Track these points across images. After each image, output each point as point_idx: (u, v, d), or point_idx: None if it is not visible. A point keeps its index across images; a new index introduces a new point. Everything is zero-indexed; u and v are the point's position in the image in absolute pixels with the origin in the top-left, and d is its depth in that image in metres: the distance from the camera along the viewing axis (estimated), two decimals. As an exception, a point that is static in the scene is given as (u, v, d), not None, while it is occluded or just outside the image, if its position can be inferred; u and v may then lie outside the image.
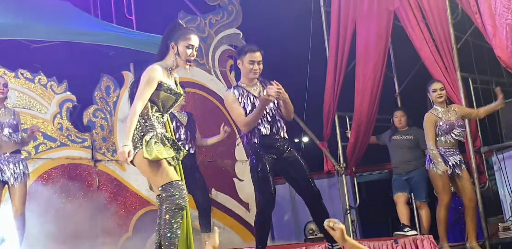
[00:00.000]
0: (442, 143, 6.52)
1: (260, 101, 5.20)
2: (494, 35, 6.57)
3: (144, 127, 4.29)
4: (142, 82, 4.29)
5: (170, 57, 4.47)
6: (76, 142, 6.98)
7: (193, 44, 4.45)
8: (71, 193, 6.76)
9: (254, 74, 5.36)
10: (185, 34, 4.46)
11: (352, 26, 8.00)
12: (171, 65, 4.48)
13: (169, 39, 4.50)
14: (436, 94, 6.57)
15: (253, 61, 5.33)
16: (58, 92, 7.00)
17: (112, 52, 7.90)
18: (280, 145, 5.37)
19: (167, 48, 4.50)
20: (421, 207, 7.32)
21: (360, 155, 7.95)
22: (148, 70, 4.37)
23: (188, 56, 4.44)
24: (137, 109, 4.21)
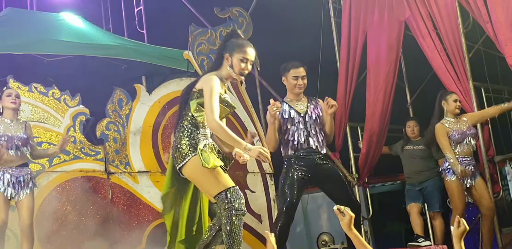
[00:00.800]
0: (458, 152, 6.50)
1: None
2: (506, 44, 6.56)
3: (196, 134, 4.25)
4: (206, 93, 4.20)
5: (225, 68, 4.40)
6: (90, 155, 7.01)
7: (248, 57, 4.40)
8: (84, 206, 6.78)
9: (299, 89, 5.62)
10: (240, 47, 4.40)
11: (362, 36, 8.01)
12: (225, 76, 4.41)
13: (225, 49, 4.43)
14: (456, 105, 6.59)
15: (296, 76, 5.59)
16: (72, 105, 7.04)
17: (124, 65, 7.96)
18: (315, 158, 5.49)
19: (222, 58, 4.43)
20: (435, 217, 7.30)
21: (372, 165, 7.93)
22: (209, 81, 4.27)
23: (242, 69, 4.38)
24: (219, 122, 4.14)
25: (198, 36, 8.36)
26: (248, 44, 4.46)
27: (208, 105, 4.17)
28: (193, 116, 4.28)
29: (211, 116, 4.14)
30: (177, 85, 7.93)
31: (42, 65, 7.53)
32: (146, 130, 7.49)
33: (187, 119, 4.31)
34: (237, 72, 4.37)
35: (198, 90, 4.28)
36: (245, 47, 4.41)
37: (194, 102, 4.28)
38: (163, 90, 7.81)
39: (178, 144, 4.27)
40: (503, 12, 6.60)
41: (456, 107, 6.59)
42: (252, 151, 4.09)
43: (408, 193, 7.41)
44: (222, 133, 4.16)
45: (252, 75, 8.88)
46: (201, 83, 4.29)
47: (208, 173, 4.16)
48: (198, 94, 4.27)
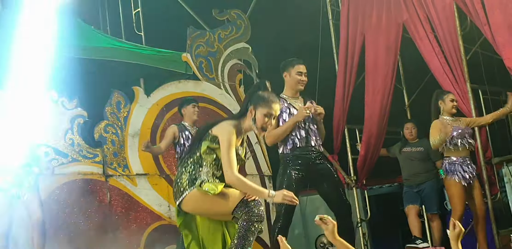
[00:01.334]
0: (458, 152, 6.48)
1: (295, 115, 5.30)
2: (504, 46, 6.58)
3: (198, 171, 4.19)
4: (223, 145, 4.10)
5: (248, 120, 4.26)
6: (88, 157, 7.00)
7: (273, 113, 4.26)
8: (82, 208, 6.77)
9: (301, 86, 5.68)
10: (266, 101, 4.24)
11: (361, 39, 8.02)
12: (245, 128, 4.28)
13: (250, 101, 4.29)
14: (453, 104, 6.58)
15: (301, 72, 5.66)
16: (69, 108, 7.03)
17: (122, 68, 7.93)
18: (312, 157, 5.53)
19: (246, 109, 4.30)
20: (433, 219, 7.32)
21: (370, 167, 7.94)
22: (226, 132, 4.15)
23: (265, 124, 4.26)
24: (238, 176, 4.06)
25: (196, 39, 8.36)
26: (274, 100, 4.29)
27: (225, 159, 4.08)
28: (200, 156, 4.23)
29: (229, 171, 4.05)
30: (175, 87, 7.94)
31: (40, 68, 7.51)
32: (145, 132, 7.48)
33: (193, 158, 4.25)
34: (259, 127, 4.24)
35: (213, 136, 4.18)
36: (271, 102, 4.24)
37: (205, 143, 4.21)
38: (162, 92, 7.80)
39: (178, 178, 4.24)
40: (501, 14, 6.61)
41: (453, 107, 6.59)
42: (276, 197, 4.07)
43: (406, 195, 7.43)
44: (242, 187, 4.10)
45: (250, 77, 8.89)
46: (219, 130, 4.18)
47: (214, 197, 4.09)
48: (212, 138, 4.18)
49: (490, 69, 7.43)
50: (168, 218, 7.30)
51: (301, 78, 5.71)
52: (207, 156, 4.20)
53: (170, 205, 7.34)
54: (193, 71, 8.23)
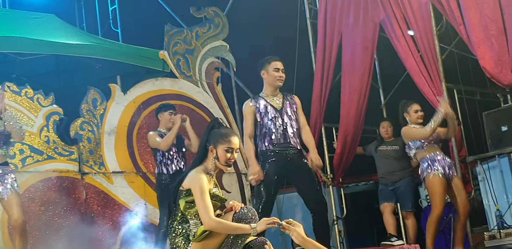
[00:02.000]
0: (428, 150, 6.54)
1: None
2: (479, 46, 6.64)
3: (187, 228, 4.20)
4: (196, 194, 4.10)
5: (210, 161, 4.26)
6: (63, 155, 6.96)
7: (233, 147, 4.25)
8: (58, 206, 6.74)
9: (280, 82, 5.69)
10: (224, 137, 4.24)
11: (338, 38, 8.05)
12: (211, 169, 4.28)
13: (208, 141, 4.29)
14: (418, 115, 6.63)
15: (278, 68, 5.68)
16: (45, 105, 6.99)
17: (99, 65, 7.90)
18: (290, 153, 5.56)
19: (206, 151, 4.29)
20: (407, 217, 7.36)
21: (346, 166, 7.98)
22: (196, 180, 4.15)
23: (228, 159, 4.25)
24: (215, 220, 4.06)
25: (173, 36, 8.35)
26: (231, 133, 4.32)
27: (200, 206, 4.08)
28: (182, 214, 4.23)
29: (206, 217, 4.06)
30: (152, 85, 7.92)
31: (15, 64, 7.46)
32: (121, 130, 7.46)
33: (176, 220, 4.26)
34: (223, 163, 4.25)
35: (186, 190, 4.20)
36: (229, 136, 4.26)
37: (182, 201, 4.21)
38: (138, 90, 7.78)
39: (174, 245, 4.23)
40: (476, 15, 6.68)
41: (417, 117, 6.64)
42: (259, 225, 4.05)
43: (381, 193, 7.47)
44: (222, 229, 4.09)
45: (228, 75, 8.89)
46: (189, 182, 4.19)
47: (210, 235, 4.11)
48: (186, 193, 4.19)
49: (465, 68, 7.49)
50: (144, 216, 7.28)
51: (279, 75, 5.74)
52: (189, 210, 4.20)
53: (146, 202, 7.33)
54: (171, 69, 8.22)
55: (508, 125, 6.91)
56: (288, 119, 5.73)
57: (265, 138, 5.71)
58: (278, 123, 5.69)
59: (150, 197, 7.36)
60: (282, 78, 5.76)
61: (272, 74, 5.72)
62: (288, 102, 5.81)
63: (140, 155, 7.46)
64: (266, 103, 5.73)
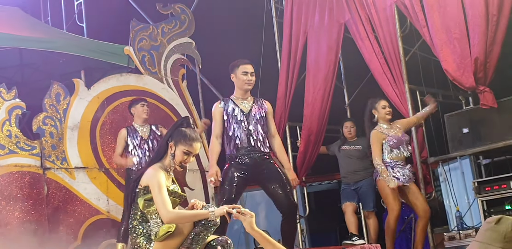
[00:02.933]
0: (392, 157, 6.62)
1: None
2: (441, 48, 6.73)
3: (147, 228, 4.19)
4: (154, 189, 4.08)
5: (167, 157, 4.26)
6: (25, 150, 6.88)
7: (192, 151, 4.24)
8: (19, 201, 6.66)
9: (248, 86, 5.70)
10: (187, 139, 4.23)
11: (303, 37, 8.10)
12: (168, 166, 4.27)
13: (171, 137, 4.28)
14: (386, 110, 6.68)
15: (246, 72, 5.68)
16: (7, 99, 6.90)
17: (63, 59, 7.83)
18: (256, 157, 5.56)
19: (166, 145, 4.28)
20: (369, 216, 7.43)
21: (310, 164, 8.02)
22: (153, 176, 4.14)
23: (183, 161, 4.24)
24: (173, 212, 4.05)
25: (139, 32, 8.30)
26: (196, 139, 4.29)
27: (157, 201, 4.07)
28: (142, 213, 4.22)
29: (163, 210, 4.04)
30: (117, 80, 7.87)
31: (-21, 57, 7.38)
32: (84, 125, 7.40)
33: (136, 219, 4.24)
34: (177, 163, 4.24)
35: (144, 187, 4.18)
36: (192, 140, 4.24)
37: (141, 199, 4.19)
38: (103, 85, 7.72)
39: (136, 245, 4.21)
40: (439, 17, 6.77)
41: (386, 113, 6.70)
42: (218, 211, 4.03)
43: (344, 192, 7.53)
44: (182, 219, 4.10)
45: (193, 72, 8.88)
46: (146, 179, 4.18)
47: (174, 234, 4.10)
48: (144, 191, 4.18)
49: (427, 70, 7.58)
50: (106, 212, 7.25)
51: (247, 78, 5.74)
52: (148, 209, 4.19)
53: (108, 199, 7.29)
54: (136, 65, 8.16)
55: (469, 127, 7.01)
56: (255, 123, 5.74)
57: (230, 142, 5.72)
58: (243, 126, 5.70)
59: (113, 193, 7.33)
60: (251, 81, 5.76)
61: (241, 78, 5.73)
62: (257, 107, 5.82)
63: (103, 150, 7.42)
64: (235, 106, 5.74)
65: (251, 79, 5.75)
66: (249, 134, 5.69)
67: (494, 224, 2.65)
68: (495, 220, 2.66)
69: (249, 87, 5.78)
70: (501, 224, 2.64)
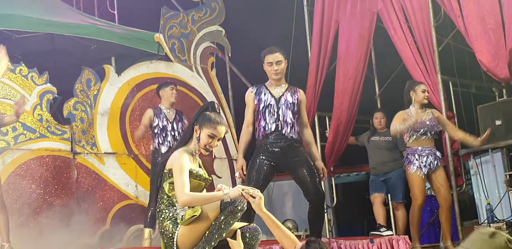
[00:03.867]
0: (420, 142, 6.53)
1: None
2: (476, 39, 6.65)
3: (174, 212, 4.18)
4: (176, 171, 4.09)
5: (193, 142, 4.27)
6: (56, 134, 6.91)
7: (216, 135, 4.23)
8: (49, 185, 6.69)
9: (275, 76, 5.62)
10: (211, 122, 4.22)
11: (335, 26, 8.04)
12: (194, 150, 4.28)
13: (196, 121, 4.28)
14: (424, 95, 6.58)
15: (271, 62, 5.59)
16: (39, 83, 6.92)
17: (94, 45, 7.84)
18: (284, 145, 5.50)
19: (192, 131, 4.29)
20: (398, 208, 7.38)
21: (338, 155, 7.97)
22: (177, 159, 4.15)
23: (208, 144, 4.24)
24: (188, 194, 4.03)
25: (169, 19, 8.29)
26: (220, 122, 4.28)
27: (178, 183, 4.07)
28: (168, 197, 4.21)
29: (180, 192, 4.04)
30: (147, 67, 7.87)
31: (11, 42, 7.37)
32: (114, 111, 7.41)
33: (163, 203, 4.24)
34: (202, 147, 4.24)
35: (169, 170, 4.19)
36: (216, 123, 4.23)
37: (166, 183, 4.20)
38: (133, 72, 7.73)
39: (162, 229, 4.21)
40: (475, 7, 6.69)
41: (424, 97, 6.61)
42: (232, 192, 4.00)
43: (372, 183, 7.48)
44: (197, 201, 4.08)
45: (223, 61, 8.86)
46: (170, 162, 4.19)
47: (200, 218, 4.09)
48: (169, 174, 4.18)
49: (461, 61, 7.50)
50: (134, 198, 7.27)
51: (273, 69, 5.63)
52: (174, 192, 4.17)
53: (137, 184, 7.31)
54: (165, 52, 8.16)
55: (502, 119, 6.95)
56: (285, 108, 5.66)
57: (259, 128, 5.67)
58: (273, 111, 5.63)
59: (141, 179, 7.33)
60: (278, 71, 5.64)
61: (267, 69, 5.66)
62: (290, 93, 5.74)
63: (133, 137, 7.42)
64: (266, 91, 5.68)
65: (278, 69, 5.63)
66: (277, 119, 5.60)
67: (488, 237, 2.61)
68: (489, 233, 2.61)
69: (277, 77, 5.65)
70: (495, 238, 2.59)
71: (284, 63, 5.68)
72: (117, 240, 6.88)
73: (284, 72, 5.75)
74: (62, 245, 6.29)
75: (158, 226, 4.28)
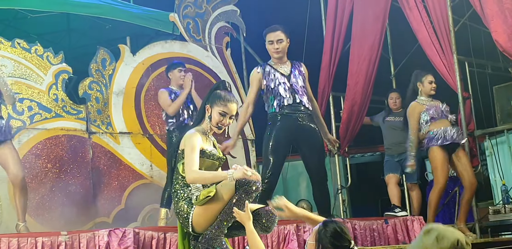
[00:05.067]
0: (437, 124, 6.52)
1: None
2: (492, 19, 6.58)
3: (189, 192, 4.21)
4: (187, 150, 4.13)
5: (205, 120, 4.29)
6: (71, 114, 6.94)
7: (227, 112, 4.24)
8: (65, 164, 6.73)
9: (276, 54, 5.60)
10: (222, 100, 4.26)
11: (350, 6, 7.97)
12: (207, 129, 4.29)
13: (208, 100, 4.31)
14: (431, 86, 6.59)
15: (271, 41, 5.60)
16: (54, 63, 6.94)
17: (109, 25, 7.85)
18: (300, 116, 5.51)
19: (204, 110, 4.32)
20: (412, 188, 7.38)
21: (353, 135, 7.95)
22: (189, 137, 4.18)
23: (220, 122, 4.25)
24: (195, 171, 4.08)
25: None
26: (231, 99, 4.31)
27: (187, 160, 4.12)
28: (183, 178, 4.23)
29: (188, 169, 4.09)
30: (161, 47, 7.86)
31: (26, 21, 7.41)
32: (129, 91, 7.42)
33: (178, 183, 4.26)
34: (214, 125, 4.25)
35: (182, 150, 4.22)
36: (227, 100, 4.26)
37: (180, 164, 4.24)
38: (148, 52, 7.72)
39: (178, 209, 4.23)
40: (491, -14, 6.61)
41: (431, 89, 6.60)
42: (236, 173, 4.03)
43: (387, 163, 7.48)
44: (203, 179, 4.14)
45: (237, 41, 8.83)
46: (183, 142, 4.22)
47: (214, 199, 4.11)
48: (183, 154, 4.21)
49: (477, 41, 7.44)
50: (150, 177, 7.30)
51: (273, 47, 5.63)
52: None
53: (152, 164, 7.34)
54: (180, 32, 8.14)
55: (518, 99, 6.90)
56: (296, 83, 5.66)
57: (273, 101, 5.66)
58: (286, 87, 5.63)
59: (156, 158, 7.36)
60: (278, 50, 5.63)
61: (268, 48, 5.67)
62: (296, 70, 5.75)
63: (147, 116, 7.45)
64: (274, 70, 5.67)
65: (278, 48, 5.63)
66: (293, 92, 5.62)
67: (422, 234, 2.69)
68: (425, 230, 2.69)
69: (277, 56, 5.66)
70: (426, 236, 2.66)
71: (285, 42, 5.68)
72: (132, 220, 6.94)
73: (285, 51, 5.75)
74: (77, 224, 6.36)
75: (174, 206, 4.31)
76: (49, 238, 4.64)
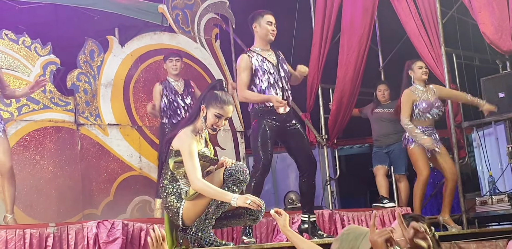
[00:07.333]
0: (420, 122, 6.54)
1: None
2: (480, 11, 6.61)
3: (178, 187, 4.24)
4: (184, 155, 4.12)
5: (199, 120, 4.27)
6: (59, 105, 6.93)
7: (223, 114, 4.24)
8: (53, 156, 6.74)
9: (272, 36, 5.53)
10: (218, 102, 4.23)
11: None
12: (200, 129, 4.29)
13: (203, 100, 4.28)
14: (422, 71, 6.58)
15: (270, 22, 5.52)
16: (42, 54, 6.93)
17: (97, 16, 7.82)
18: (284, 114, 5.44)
19: (198, 108, 4.29)
20: (400, 180, 7.42)
21: (342, 127, 7.98)
22: (184, 141, 4.17)
23: (215, 124, 4.25)
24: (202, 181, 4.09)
25: (172, -10, 8.24)
26: (227, 101, 4.27)
27: (189, 168, 4.11)
28: (172, 174, 4.25)
29: (193, 177, 4.09)
30: (150, 39, 7.85)
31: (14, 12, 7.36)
32: (118, 82, 7.42)
33: (166, 179, 4.28)
34: (209, 126, 4.25)
35: (175, 150, 4.21)
36: (223, 103, 4.24)
37: (171, 161, 4.24)
38: (136, 43, 7.71)
39: (167, 204, 4.26)
40: (479, -21, 6.62)
41: (422, 73, 6.60)
42: (239, 199, 4.03)
43: (375, 155, 7.51)
44: (207, 192, 4.12)
45: (227, 32, 8.82)
46: (177, 143, 4.20)
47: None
48: (176, 153, 4.21)
49: (465, 33, 7.47)
50: (138, 169, 7.31)
51: (272, 28, 5.57)
52: (178, 170, 4.23)
53: (141, 156, 7.35)
54: (169, 23, 8.13)
55: (506, 91, 6.93)
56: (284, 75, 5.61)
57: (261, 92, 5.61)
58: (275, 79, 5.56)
59: (145, 150, 7.38)
60: (274, 32, 5.59)
61: (265, 28, 5.55)
62: (280, 58, 5.71)
63: (136, 108, 7.45)
64: (263, 58, 5.59)
65: (275, 30, 5.61)
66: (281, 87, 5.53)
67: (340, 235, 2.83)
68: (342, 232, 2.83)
69: (272, 38, 5.59)
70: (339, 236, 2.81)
71: None
72: (121, 211, 6.95)
73: None
74: (66, 216, 6.37)
75: (162, 200, 4.32)
76: (37, 230, 4.64)
